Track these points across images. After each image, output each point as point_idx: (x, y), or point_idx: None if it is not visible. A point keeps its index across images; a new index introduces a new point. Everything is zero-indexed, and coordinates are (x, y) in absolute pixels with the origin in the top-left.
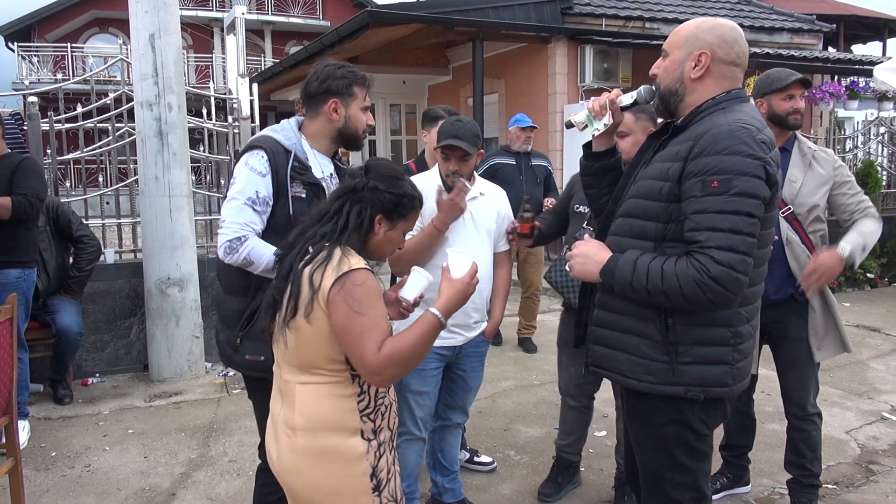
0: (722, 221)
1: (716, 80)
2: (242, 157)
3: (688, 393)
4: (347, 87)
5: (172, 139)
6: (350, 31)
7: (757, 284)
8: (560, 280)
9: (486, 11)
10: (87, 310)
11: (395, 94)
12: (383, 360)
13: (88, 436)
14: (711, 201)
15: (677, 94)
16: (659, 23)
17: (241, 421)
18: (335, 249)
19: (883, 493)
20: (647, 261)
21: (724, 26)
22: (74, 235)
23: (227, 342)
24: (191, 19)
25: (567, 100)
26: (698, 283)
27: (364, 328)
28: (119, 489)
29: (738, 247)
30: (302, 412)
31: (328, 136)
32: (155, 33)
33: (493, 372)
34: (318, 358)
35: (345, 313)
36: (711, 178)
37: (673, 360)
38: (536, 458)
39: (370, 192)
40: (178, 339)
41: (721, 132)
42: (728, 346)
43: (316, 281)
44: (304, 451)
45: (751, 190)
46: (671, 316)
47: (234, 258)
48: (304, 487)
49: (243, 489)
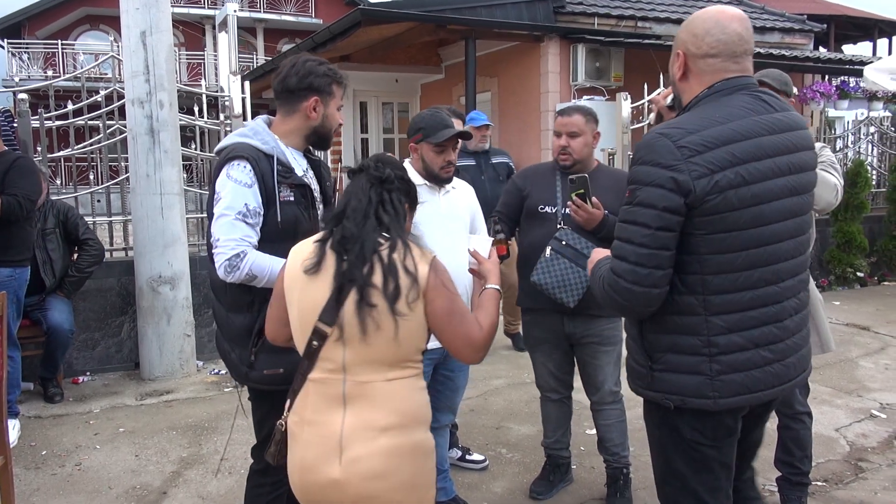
0: (622, 231)
1: (697, 77)
2: (222, 169)
3: (664, 400)
4: (328, 86)
5: (164, 137)
6: (342, 29)
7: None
8: (549, 281)
9: (478, 10)
10: (77, 308)
11: (388, 93)
12: (486, 334)
13: (79, 434)
14: (623, 211)
15: (677, 97)
16: (651, 22)
17: (232, 419)
18: (406, 238)
19: (872, 489)
20: (602, 264)
21: (697, 19)
22: (80, 238)
23: (241, 361)
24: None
25: (559, 98)
26: (601, 288)
27: (463, 309)
28: (110, 488)
29: (628, 257)
30: (395, 409)
31: (302, 133)
32: (146, 30)
33: (485, 370)
34: (413, 349)
35: (447, 297)
36: (628, 188)
37: (649, 365)
38: (528, 456)
39: (399, 181)
40: (170, 338)
41: (641, 142)
42: (701, 356)
43: (411, 267)
44: (398, 451)
45: (647, 200)
46: (644, 322)
47: (235, 275)
48: (387, 491)
49: (235, 487)
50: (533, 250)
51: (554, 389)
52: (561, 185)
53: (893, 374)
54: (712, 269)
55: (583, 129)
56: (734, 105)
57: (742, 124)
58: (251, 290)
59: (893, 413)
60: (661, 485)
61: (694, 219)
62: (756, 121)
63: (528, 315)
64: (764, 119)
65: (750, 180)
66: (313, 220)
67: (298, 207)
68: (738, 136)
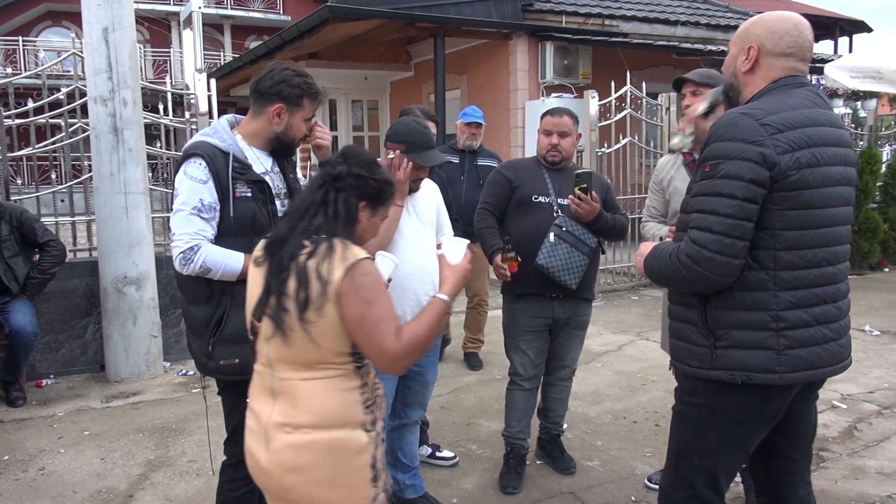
0: (703, 203)
1: (765, 73)
2: (181, 167)
3: (728, 376)
4: (298, 98)
5: (128, 135)
6: (310, 26)
7: (805, 269)
8: (554, 264)
9: (446, 7)
10: (41, 310)
11: (357, 90)
12: (404, 346)
13: (42, 438)
14: (702, 185)
15: (734, 89)
16: (618, 20)
17: (200, 420)
18: (335, 241)
19: (832, 479)
20: (663, 247)
21: (774, 18)
22: (40, 241)
23: (200, 351)
24: (147, 13)
25: (528, 96)
26: (679, 262)
27: (380, 317)
28: (75, 492)
29: (713, 227)
30: (307, 408)
31: (265, 136)
32: (108, 27)
33: (455, 367)
34: (327, 353)
35: (359, 304)
36: (705, 164)
37: (712, 343)
38: (498, 452)
39: (353, 179)
40: (136, 339)
41: (721, 121)
42: (769, 331)
43: (324, 273)
44: (310, 447)
45: (735, 172)
46: (709, 300)
47: (190, 268)
48: (305, 485)
49: (203, 489)
50: (528, 237)
51: (530, 378)
52: (550, 178)
53: (854, 366)
54: (784, 244)
55: (571, 130)
56: (799, 97)
57: (810, 113)
58: (209, 282)
59: (853, 403)
60: (677, 460)
61: (773, 193)
62: (820, 112)
63: (518, 303)
64: (825, 112)
65: (822, 162)
66: (272, 215)
67: (256, 203)
68: (810, 122)
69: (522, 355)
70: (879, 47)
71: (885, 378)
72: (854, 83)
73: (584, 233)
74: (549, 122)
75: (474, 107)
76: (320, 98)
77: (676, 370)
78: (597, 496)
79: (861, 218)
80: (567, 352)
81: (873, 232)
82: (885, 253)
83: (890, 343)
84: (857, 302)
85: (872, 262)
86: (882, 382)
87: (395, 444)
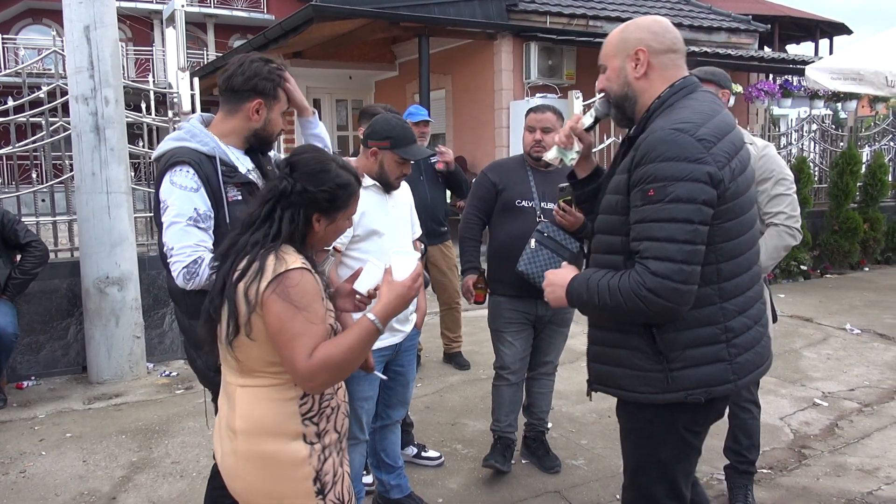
0: (657, 230)
1: (660, 74)
2: (164, 176)
3: (688, 397)
4: (274, 90)
5: (110, 134)
6: (294, 25)
7: (740, 275)
8: (534, 271)
9: (431, 7)
10: (21, 310)
11: (342, 90)
12: (314, 366)
13: (23, 440)
14: (648, 210)
15: (629, 99)
16: (602, 21)
17: (184, 422)
18: (268, 257)
19: (814, 476)
20: (598, 278)
21: (648, 20)
22: (22, 242)
23: (208, 366)
24: (129, 11)
25: (513, 96)
26: (637, 296)
27: (296, 332)
28: (56, 495)
29: (674, 256)
30: (241, 415)
31: (242, 134)
32: (90, 25)
33: (440, 368)
34: (258, 363)
35: (277, 315)
36: (648, 187)
37: (665, 367)
38: (483, 452)
39: (299, 196)
40: (119, 340)
41: (655, 138)
42: (720, 343)
43: (252, 296)
44: (245, 456)
45: (686, 195)
46: (655, 325)
47: (195, 282)
48: (245, 492)
49: (187, 491)
50: (512, 241)
51: (515, 372)
52: (534, 180)
53: (835, 364)
54: (725, 256)
55: (555, 126)
56: (706, 100)
57: (724, 118)
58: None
59: (835, 401)
60: (635, 477)
61: (717, 209)
62: (728, 114)
63: (502, 297)
64: (729, 114)
65: (742, 168)
66: None
67: (247, 206)
68: (728, 128)
69: (509, 346)
70: (859, 49)
71: (866, 376)
72: (834, 85)
73: (565, 238)
74: (532, 119)
75: (418, 105)
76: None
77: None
78: (582, 495)
79: (841, 218)
80: (551, 348)
81: (853, 232)
82: (865, 252)
83: (870, 341)
84: (837, 301)
85: (853, 262)
86: (862, 380)
87: (377, 446)
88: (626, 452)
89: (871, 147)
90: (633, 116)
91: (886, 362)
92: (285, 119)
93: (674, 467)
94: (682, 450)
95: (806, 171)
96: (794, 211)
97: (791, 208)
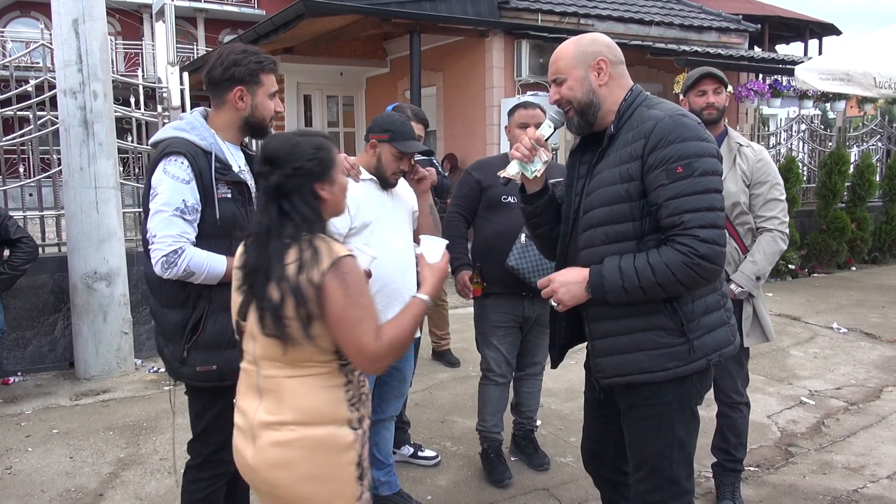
0: (697, 202)
1: (618, 81)
2: (158, 164)
3: (709, 362)
4: (253, 75)
5: (98, 128)
6: (285, 20)
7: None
8: (524, 266)
9: (422, 4)
10: (8, 306)
11: (333, 86)
12: (383, 347)
13: (9, 437)
14: (681, 185)
15: (594, 105)
16: (593, 19)
17: (172, 418)
18: (315, 242)
19: (801, 473)
20: (631, 261)
21: (596, 36)
22: (12, 238)
23: (173, 356)
24: (119, 4)
25: (504, 94)
26: (689, 265)
27: (360, 316)
28: (43, 491)
29: (716, 222)
30: (293, 406)
31: (235, 125)
32: (79, 18)
33: (430, 365)
34: (311, 351)
35: (339, 302)
36: (675, 165)
37: (689, 338)
38: (473, 449)
39: (293, 178)
40: (106, 336)
41: (667, 124)
42: (721, 309)
43: (315, 279)
44: (296, 444)
45: (711, 168)
46: (673, 300)
47: (173, 272)
48: (290, 481)
49: (174, 487)
50: (498, 238)
51: (503, 374)
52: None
53: (822, 363)
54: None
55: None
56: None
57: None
58: (186, 286)
59: (821, 400)
60: (656, 464)
61: None
62: None
63: (488, 298)
64: None
65: None
66: (250, 216)
67: (235, 205)
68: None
69: (495, 351)
70: (848, 50)
71: (852, 375)
72: (823, 85)
73: None
74: (524, 115)
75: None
76: (275, 69)
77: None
78: (570, 492)
79: (829, 218)
80: (538, 349)
81: (841, 231)
82: (853, 252)
83: (857, 340)
84: (825, 300)
85: (840, 261)
86: (849, 379)
87: (370, 441)
88: (643, 443)
89: (859, 147)
90: (594, 122)
91: (873, 361)
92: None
93: (690, 444)
94: (693, 424)
95: (795, 170)
96: (786, 217)
97: (784, 214)
